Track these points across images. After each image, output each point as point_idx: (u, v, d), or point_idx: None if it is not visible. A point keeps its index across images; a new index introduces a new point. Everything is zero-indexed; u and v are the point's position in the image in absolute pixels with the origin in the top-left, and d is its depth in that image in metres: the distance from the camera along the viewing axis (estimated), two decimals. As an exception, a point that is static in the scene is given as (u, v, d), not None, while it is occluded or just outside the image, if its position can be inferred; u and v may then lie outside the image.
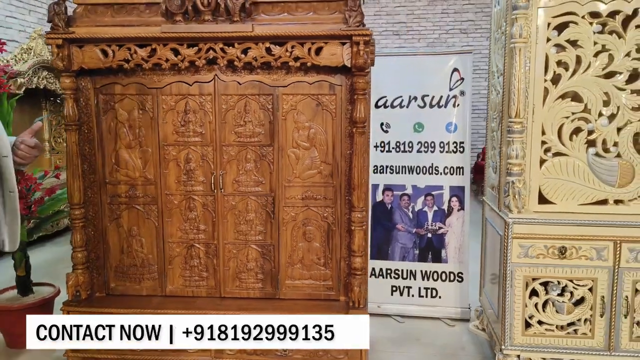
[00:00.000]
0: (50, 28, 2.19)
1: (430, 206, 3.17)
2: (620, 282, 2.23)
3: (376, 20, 8.86)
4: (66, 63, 2.21)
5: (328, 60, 2.17)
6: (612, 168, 2.31)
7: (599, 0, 2.23)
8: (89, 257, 2.45)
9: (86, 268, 2.43)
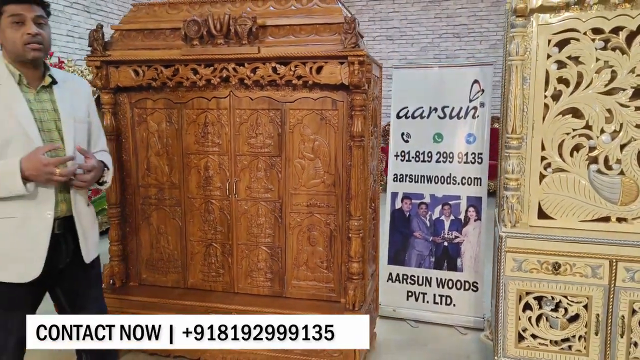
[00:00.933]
0: (90, 52, 2.53)
1: (447, 215, 3.23)
2: (617, 302, 2.20)
3: (370, 25, 8.99)
4: (104, 82, 2.56)
5: (328, 78, 2.34)
6: (614, 185, 2.28)
7: (602, 17, 2.21)
8: (124, 251, 2.80)
9: (121, 260, 2.78)
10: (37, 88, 1.78)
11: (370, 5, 9.15)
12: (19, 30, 1.69)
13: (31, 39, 1.69)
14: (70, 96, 1.86)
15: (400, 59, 9.22)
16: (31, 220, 1.72)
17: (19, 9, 1.68)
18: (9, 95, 1.71)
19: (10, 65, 1.74)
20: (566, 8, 2.23)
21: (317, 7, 2.41)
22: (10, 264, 1.71)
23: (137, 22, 2.60)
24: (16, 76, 1.73)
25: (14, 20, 1.68)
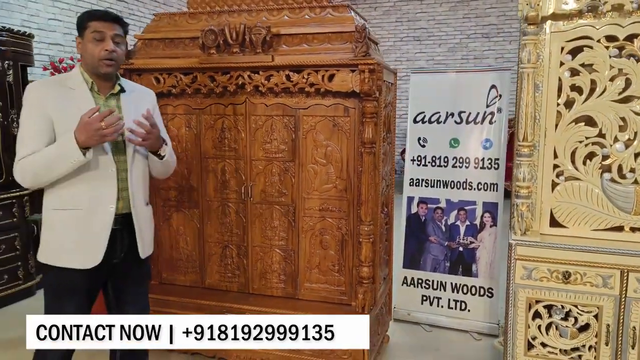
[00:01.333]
0: (115, 60, 2.65)
1: (462, 220, 3.23)
2: (628, 312, 2.18)
3: (397, 26, 8.99)
4: (127, 89, 2.67)
5: (339, 86, 2.39)
6: (628, 194, 2.25)
7: (616, 24, 2.19)
8: (144, 250, 2.91)
9: (142, 259, 2.89)
10: (107, 95, 1.93)
11: (398, 6, 9.15)
12: (99, 45, 1.83)
13: (107, 55, 1.84)
14: (135, 103, 2.00)
15: (428, 59, 9.18)
16: (95, 213, 1.86)
17: (100, 26, 1.84)
18: (81, 99, 1.86)
19: (85, 73, 1.90)
20: (579, 15, 2.21)
21: (330, 16, 2.47)
22: (74, 251, 1.85)
23: (159, 31, 2.71)
24: (89, 83, 1.90)
25: (95, 36, 1.83)
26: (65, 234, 1.86)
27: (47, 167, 1.78)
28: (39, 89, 1.86)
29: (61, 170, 1.79)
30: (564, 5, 2.20)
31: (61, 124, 1.82)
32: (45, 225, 1.91)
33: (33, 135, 1.81)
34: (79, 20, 1.88)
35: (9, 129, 3.71)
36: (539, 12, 2.20)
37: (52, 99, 1.83)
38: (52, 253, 1.88)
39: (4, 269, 3.64)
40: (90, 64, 1.87)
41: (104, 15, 1.87)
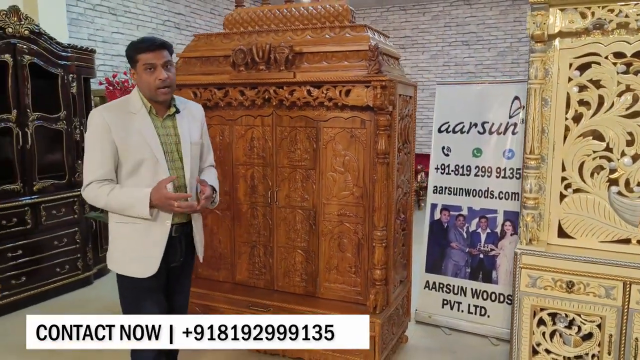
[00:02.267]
0: (158, 77, 2.96)
1: (483, 228, 3.31)
2: (630, 323, 2.22)
3: (446, 31, 8.98)
4: (168, 102, 2.98)
5: (355, 100, 2.57)
6: (635, 208, 2.29)
7: (623, 41, 2.23)
8: (183, 247, 3.21)
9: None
10: (164, 116, 2.08)
11: (447, 11, 9.14)
12: (152, 75, 1.96)
13: (162, 84, 1.97)
14: (188, 122, 2.15)
15: (477, 64, 9.12)
16: (153, 227, 2.01)
17: (150, 58, 1.96)
18: (143, 123, 2.01)
19: (144, 98, 2.04)
20: (587, 33, 2.28)
21: (348, 36, 2.65)
22: (134, 261, 2.03)
23: (197, 50, 3.00)
24: (148, 107, 2.04)
25: (147, 67, 1.96)
26: (126, 246, 2.04)
27: (117, 210, 1.99)
28: (103, 115, 1.97)
29: (127, 214, 1.97)
30: (570, 24, 2.27)
31: (124, 147, 1.97)
32: (111, 236, 2.09)
33: (100, 161, 1.96)
34: (128, 54, 2.00)
35: (72, 135, 4.15)
36: (545, 30, 2.29)
37: (115, 124, 1.96)
38: (118, 262, 2.07)
39: (65, 260, 4.08)
40: (148, 92, 2.00)
41: (150, 46, 1.97)
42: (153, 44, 1.98)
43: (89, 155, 2.00)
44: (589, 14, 2.23)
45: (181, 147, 2.09)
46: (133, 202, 1.95)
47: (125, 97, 2.10)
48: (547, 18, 2.29)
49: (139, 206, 1.94)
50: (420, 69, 9.36)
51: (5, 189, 3.68)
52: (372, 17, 9.56)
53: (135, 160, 1.99)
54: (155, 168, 2.00)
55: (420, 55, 9.33)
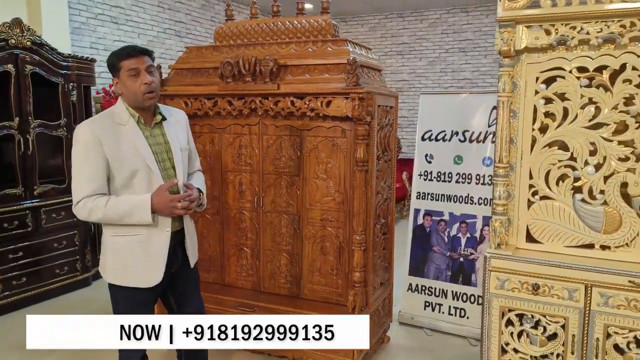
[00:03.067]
0: (151, 88, 3.12)
1: (463, 233, 3.44)
2: (591, 324, 2.34)
3: (443, 38, 9.14)
4: (161, 111, 3.13)
5: (335, 111, 2.71)
6: (597, 214, 2.41)
7: (586, 56, 2.36)
8: (174, 250, 3.36)
9: (172, 257, 3.34)
10: (152, 125, 2.12)
11: (444, 18, 9.28)
12: (137, 80, 1.98)
13: (147, 89, 1.99)
14: (174, 128, 2.20)
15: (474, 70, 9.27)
16: (154, 236, 2.06)
17: (133, 63, 1.97)
18: (133, 134, 2.03)
19: (130, 108, 2.06)
20: (551, 49, 2.41)
21: (330, 49, 2.80)
22: (138, 272, 2.06)
23: (189, 62, 3.15)
24: (136, 117, 2.06)
25: (131, 73, 1.98)
26: (129, 257, 2.05)
27: (116, 219, 1.98)
28: (92, 129, 1.97)
29: (126, 222, 1.99)
30: (535, 40, 2.40)
31: (116, 159, 1.98)
32: (107, 249, 2.09)
33: (91, 176, 1.96)
34: (110, 64, 2.03)
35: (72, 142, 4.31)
36: (512, 46, 2.42)
37: (105, 137, 1.97)
38: (119, 275, 2.07)
39: (64, 261, 4.24)
40: (134, 99, 2.02)
41: (132, 52, 1.99)
42: (134, 50, 2.01)
43: (79, 171, 1.98)
44: (553, 31, 2.36)
45: (172, 154, 2.14)
46: (132, 210, 1.97)
47: (110, 109, 2.10)
48: (514, 35, 2.42)
49: (140, 212, 1.97)
50: (418, 75, 9.51)
51: (7, 193, 3.85)
52: (371, 23, 9.73)
53: (129, 172, 2.01)
54: (149, 178, 2.04)
55: (417, 61, 9.48)
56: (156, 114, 2.15)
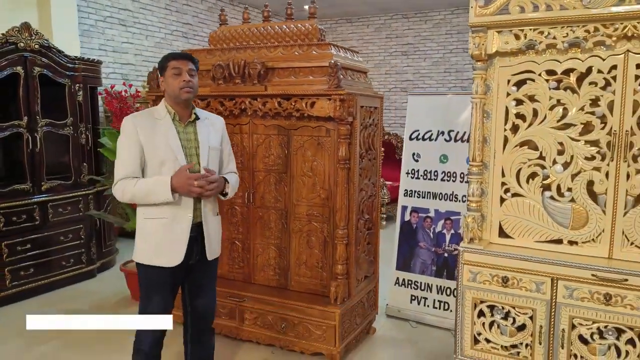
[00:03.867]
0: (149, 88, 3.30)
1: (448, 229, 3.56)
2: (558, 316, 2.45)
3: (447, 39, 9.18)
4: (157, 111, 3.30)
5: (319, 112, 2.85)
6: (565, 211, 2.52)
7: (555, 60, 2.47)
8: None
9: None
10: (186, 123, 2.35)
11: (448, 19, 9.35)
12: (177, 78, 2.26)
13: (185, 85, 2.26)
14: (207, 129, 2.40)
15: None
16: (177, 220, 2.27)
17: (178, 64, 2.28)
18: (166, 128, 2.28)
19: (169, 106, 2.33)
20: (521, 53, 2.52)
21: (314, 53, 2.94)
22: (161, 252, 2.27)
23: (183, 64, 3.31)
24: (172, 114, 2.32)
25: (174, 72, 2.26)
26: (154, 238, 2.27)
27: (143, 197, 2.23)
28: (132, 121, 2.26)
29: (152, 201, 2.23)
30: (505, 45, 2.52)
31: (149, 148, 2.24)
32: (139, 232, 2.33)
33: (129, 160, 2.24)
34: (160, 63, 2.33)
35: (78, 140, 4.53)
36: (483, 51, 2.54)
37: (142, 127, 2.25)
38: (145, 254, 2.29)
39: (70, 254, 4.44)
40: (172, 94, 2.28)
41: (179, 55, 2.32)
42: (182, 54, 2.35)
43: (119, 156, 2.28)
44: (522, 36, 2.48)
45: (200, 151, 2.33)
46: (155, 188, 2.20)
47: (153, 107, 2.44)
48: (486, 39, 2.54)
49: (162, 190, 2.19)
50: (422, 75, 9.59)
51: (16, 189, 4.06)
52: (376, 24, 9.84)
53: (159, 160, 2.25)
54: (176, 168, 2.23)
55: (422, 62, 9.57)
56: (191, 113, 2.38)
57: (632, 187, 2.36)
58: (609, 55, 2.34)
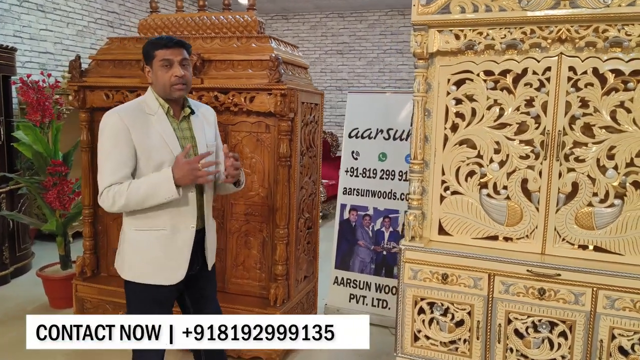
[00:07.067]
0: (70, 78, 3.03)
1: (387, 227, 3.57)
2: (494, 311, 2.50)
3: (381, 39, 9.41)
4: (81, 103, 3.05)
5: (258, 107, 2.74)
6: (501, 208, 2.58)
7: (492, 61, 2.52)
8: (95, 246, 3.28)
9: (93, 253, 3.26)
10: (180, 118, 2.05)
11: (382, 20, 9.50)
12: (168, 72, 1.93)
13: (178, 81, 1.94)
14: (202, 124, 2.12)
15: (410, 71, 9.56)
16: (178, 232, 1.99)
17: (168, 54, 1.92)
18: (161, 125, 1.97)
19: (160, 98, 2.00)
20: (461, 52, 2.55)
21: (254, 46, 2.82)
22: (161, 269, 1.98)
23: (110, 53, 3.08)
24: (165, 108, 2.00)
25: (164, 63, 1.93)
26: (152, 253, 1.97)
27: (141, 200, 1.88)
28: (121, 117, 1.91)
29: (153, 203, 1.89)
30: (446, 44, 2.54)
31: (144, 149, 1.91)
32: (128, 245, 2.00)
33: (120, 163, 1.89)
34: (145, 51, 1.98)
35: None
36: (425, 49, 2.54)
37: (134, 126, 1.91)
38: (140, 271, 1.98)
39: (-21, 259, 4.03)
40: (163, 90, 1.96)
41: (168, 43, 1.94)
42: (171, 41, 1.95)
43: (105, 160, 1.92)
44: (462, 36, 2.51)
45: (198, 149, 2.06)
46: (156, 187, 1.87)
47: (139, 99, 2.06)
48: (427, 38, 2.55)
49: (165, 187, 1.87)
50: (357, 74, 9.69)
51: None
52: (312, 22, 9.81)
53: (155, 163, 1.94)
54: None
55: (357, 61, 9.66)
56: (185, 107, 2.08)
57: (563, 185, 2.45)
58: (543, 57, 2.42)
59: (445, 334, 2.62)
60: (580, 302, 2.34)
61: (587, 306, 2.33)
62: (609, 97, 2.33)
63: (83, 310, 3.18)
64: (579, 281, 2.33)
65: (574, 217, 2.45)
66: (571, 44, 2.35)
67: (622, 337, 2.29)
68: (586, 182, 2.41)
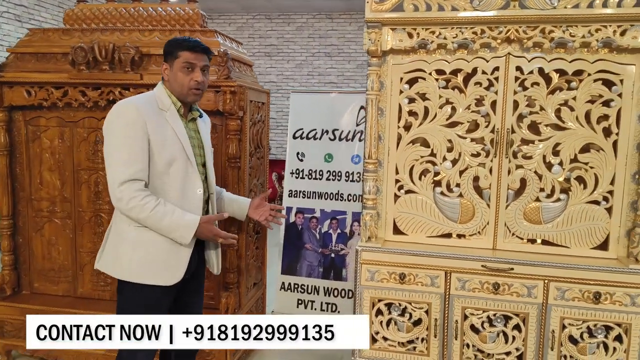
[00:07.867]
0: (-29, 75, 2.67)
1: (334, 229, 3.52)
2: (451, 308, 2.52)
3: (310, 42, 9.48)
4: (-3, 100, 2.70)
5: (205, 105, 2.57)
6: (454, 206, 2.61)
7: (443, 60, 2.55)
8: (16, 261, 2.92)
9: (13, 269, 2.90)
10: (188, 118, 2.06)
11: (310, 23, 9.53)
12: (188, 75, 1.94)
13: (196, 85, 1.95)
14: (204, 127, 2.16)
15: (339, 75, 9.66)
16: None
17: (192, 58, 1.93)
18: (174, 122, 1.96)
19: (173, 96, 1.99)
20: (413, 51, 2.55)
21: (198, 40, 2.64)
22: (161, 269, 1.94)
23: (32, 46, 2.76)
24: (177, 106, 1.99)
25: (186, 66, 1.93)
26: (153, 253, 1.93)
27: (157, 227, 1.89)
28: (138, 109, 1.88)
29: (164, 233, 1.91)
30: (399, 42, 2.53)
31: (158, 145, 1.90)
32: (127, 243, 1.94)
33: (133, 157, 1.86)
34: (169, 48, 1.96)
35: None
36: (378, 47, 2.52)
37: (150, 120, 1.89)
38: (137, 270, 1.93)
39: None
40: (179, 91, 1.97)
41: (195, 47, 1.95)
42: (198, 46, 1.97)
43: (121, 149, 1.86)
44: (415, 35, 2.51)
45: (205, 151, 2.10)
46: (177, 228, 1.90)
47: (151, 93, 2.02)
48: (381, 36, 2.52)
49: (184, 232, 1.91)
50: (286, 77, 9.62)
51: None
52: (238, 23, 9.61)
53: (167, 160, 1.92)
54: (186, 168, 1.96)
55: (285, 64, 9.59)
56: (192, 109, 2.10)
57: (512, 182, 2.52)
58: (492, 57, 2.47)
59: (403, 334, 2.60)
60: (532, 295, 2.41)
61: (539, 298, 2.41)
62: (554, 96, 2.43)
63: (3, 335, 2.81)
64: (531, 274, 2.40)
65: (522, 212, 2.53)
66: (518, 44, 2.42)
67: (571, 327, 2.39)
68: (533, 178, 2.50)
